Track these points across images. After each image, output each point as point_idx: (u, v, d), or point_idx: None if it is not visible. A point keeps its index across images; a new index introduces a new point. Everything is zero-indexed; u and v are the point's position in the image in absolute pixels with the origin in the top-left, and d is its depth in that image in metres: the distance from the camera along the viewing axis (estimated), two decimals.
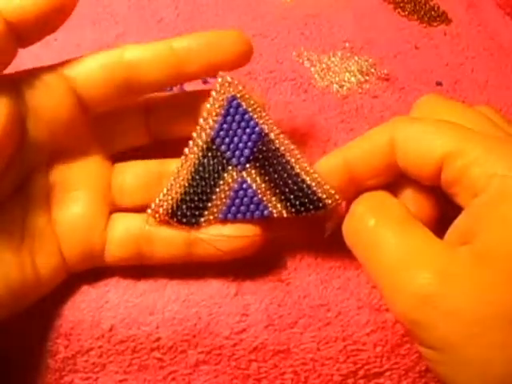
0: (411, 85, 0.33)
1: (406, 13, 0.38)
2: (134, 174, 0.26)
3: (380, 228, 0.21)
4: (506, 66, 0.36)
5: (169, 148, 0.26)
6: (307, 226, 0.26)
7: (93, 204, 0.25)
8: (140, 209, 0.25)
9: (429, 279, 0.18)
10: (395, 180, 0.23)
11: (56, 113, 0.24)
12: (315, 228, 0.25)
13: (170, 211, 0.24)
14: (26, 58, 0.26)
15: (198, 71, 0.24)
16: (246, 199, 0.24)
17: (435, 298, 0.18)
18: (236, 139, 0.24)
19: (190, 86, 0.33)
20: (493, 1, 0.40)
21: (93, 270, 0.26)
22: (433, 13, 0.38)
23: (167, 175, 0.25)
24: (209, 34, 0.24)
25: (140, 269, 0.26)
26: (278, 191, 0.24)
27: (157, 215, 0.24)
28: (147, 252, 0.25)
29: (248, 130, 0.24)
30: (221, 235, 0.24)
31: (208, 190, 0.24)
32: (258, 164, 0.24)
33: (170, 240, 0.25)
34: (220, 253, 0.24)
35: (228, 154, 0.24)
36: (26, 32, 0.22)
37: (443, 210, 0.23)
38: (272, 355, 0.24)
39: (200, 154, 0.24)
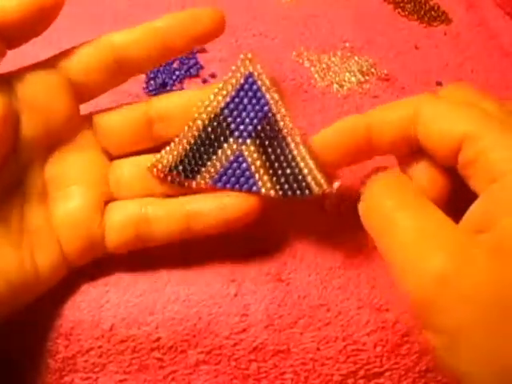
0: (411, 85, 0.33)
1: (406, 13, 0.38)
2: (132, 167, 0.26)
3: (397, 210, 0.21)
4: (506, 66, 0.35)
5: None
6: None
7: (89, 197, 0.25)
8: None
9: (445, 260, 0.18)
10: (411, 153, 0.23)
11: (51, 105, 0.24)
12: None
13: (167, 168, 0.25)
14: (26, 58, 0.26)
15: (182, 46, 0.25)
16: (238, 171, 0.25)
17: (450, 279, 0.18)
18: (244, 114, 0.25)
19: (190, 86, 0.33)
20: (493, 1, 0.40)
21: (93, 270, 0.26)
22: (433, 13, 0.38)
23: None
24: (188, 12, 0.25)
25: (140, 269, 0.26)
26: (271, 171, 0.25)
27: (154, 170, 0.25)
28: (146, 233, 0.25)
29: (257, 107, 0.25)
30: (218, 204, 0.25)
31: (205, 157, 0.25)
32: (258, 141, 0.25)
33: (167, 218, 0.25)
34: (218, 224, 0.25)
35: (232, 126, 0.25)
36: (12, 33, 0.22)
37: (456, 195, 0.23)
38: (272, 355, 0.24)
39: (207, 121, 0.26)
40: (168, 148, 0.26)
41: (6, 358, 0.25)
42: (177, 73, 0.34)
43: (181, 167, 0.25)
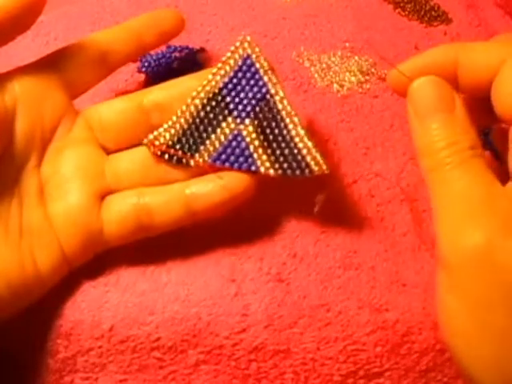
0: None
1: (406, 13, 0.38)
2: (129, 159, 0.26)
3: (462, 179, 0.21)
4: None
5: None
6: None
7: (86, 192, 0.25)
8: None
9: (482, 239, 0.19)
10: None
11: (46, 102, 0.24)
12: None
13: (165, 145, 0.25)
14: (25, 58, 0.26)
15: (153, 40, 0.28)
16: (237, 150, 0.25)
17: (482, 257, 0.19)
18: (242, 94, 0.26)
19: None
20: (493, 1, 0.40)
21: (93, 270, 0.26)
22: (433, 13, 0.38)
23: None
24: (154, 13, 0.29)
25: (140, 269, 0.26)
26: (269, 151, 0.25)
27: (152, 147, 0.25)
28: (147, 222, 0.25)
29: (255, 89, 0.26)
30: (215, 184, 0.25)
31: (204, 135, 0.25)
32: (256, 122, 0.25)
33: (167, 204, 0.25)
34: (219, 204, 0.25)
35: (231, 105, 0.26)
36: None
37: None
38: (272, 355, 0.24)
39: (205, 100, 0.26)
40: (166, 125, 0.26)
41: (6, 358, 0.25)
42: (177, 73, 0.34)
43: (179, 144, 0.25)
